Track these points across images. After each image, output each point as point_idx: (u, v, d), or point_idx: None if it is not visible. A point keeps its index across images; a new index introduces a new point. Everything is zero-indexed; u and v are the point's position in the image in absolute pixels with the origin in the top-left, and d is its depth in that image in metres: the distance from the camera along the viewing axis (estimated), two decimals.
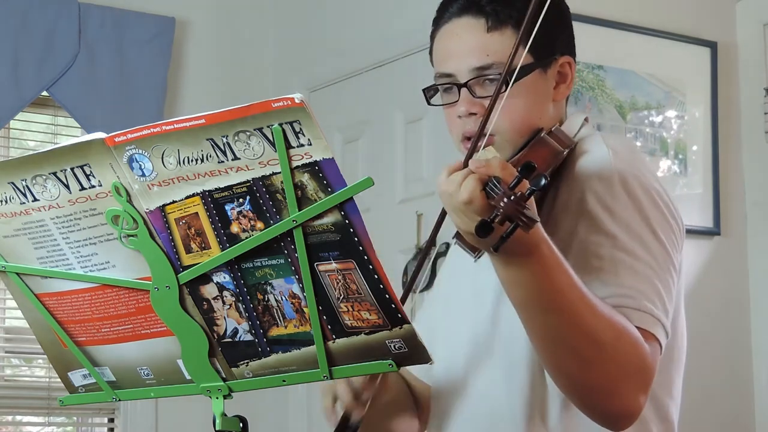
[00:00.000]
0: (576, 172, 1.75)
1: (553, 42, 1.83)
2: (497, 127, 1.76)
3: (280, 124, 1.40)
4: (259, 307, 1.54)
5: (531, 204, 1.46)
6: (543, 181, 1.41)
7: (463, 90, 1.80)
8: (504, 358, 1.79)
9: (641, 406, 1.63)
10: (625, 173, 1.73)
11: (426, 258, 1.91)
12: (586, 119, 1.88)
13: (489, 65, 1.79)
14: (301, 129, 1.40)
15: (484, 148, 1.74)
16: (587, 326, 1.57)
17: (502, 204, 1.42)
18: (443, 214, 1.73)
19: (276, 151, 1.42)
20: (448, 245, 2.98)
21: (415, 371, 2.04)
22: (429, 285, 2.87)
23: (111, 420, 4.37)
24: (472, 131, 1.78)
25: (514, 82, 1.70)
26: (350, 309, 1.49)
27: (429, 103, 1.88)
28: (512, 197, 1.42)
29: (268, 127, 1.41)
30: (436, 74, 1.85)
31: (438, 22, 1.87)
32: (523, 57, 1.72)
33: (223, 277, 1.54)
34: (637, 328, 1.62)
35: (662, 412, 1.79)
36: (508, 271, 1.57)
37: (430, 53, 1.89)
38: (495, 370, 1.80)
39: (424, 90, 1.87)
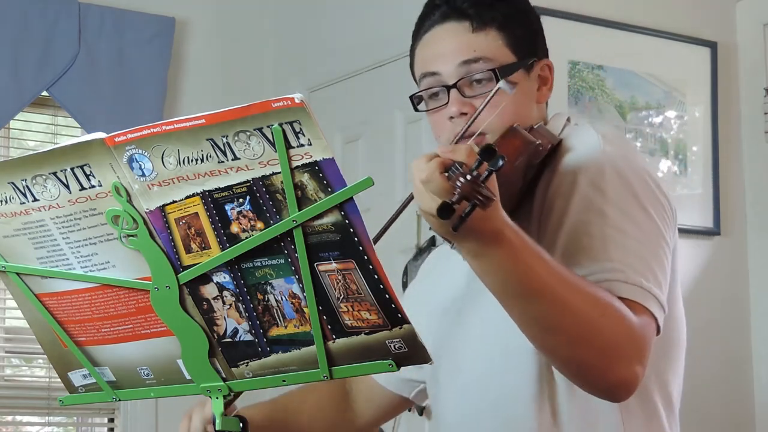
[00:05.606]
0: (567, 160, 1.76)
1: (533, 44, 1.87)
2: (489, 125, 1.77)
3: (280, 124, 1.40)
4: (259, 307, 1.54)
5: (491, 185, 1.47)
6: (500, 162, 1.42)
7: (453, 91, 1.81)
8: (507, 344, 1.79)
9: (638, 376, 1.62)
10: (615, 155, 1.75)
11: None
12: (568, 119, 1.90)
13: (476, 59, 1.80)
14: (301, 129, 1.40)
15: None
16: (569, 305, 1.57)
17: (459, 183, 1.44)
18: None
19: (276, 151, 1.42)
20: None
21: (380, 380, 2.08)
22: None
23: (111, 420, 4.37)
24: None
25: (503, 77, 1.75)
26: (350, 309, 1.49)
27: (416, 110, 1.88)
28: (469, 177, 1.44)
29: (268, 127, 1.41)
30: (420, 76, 1.86)
31: (417, 35, 1.88)
32: (508, 56, 1.79)
33: (223, 277, 1.54)
34: (627, 300, 1.63)
35: (665, 391, 1.80)
36: (478, 262, 1.57)
37: (411, 67, 1.90)
38: (497, 356, 1.80)
39: (410, 97, 1.88)
